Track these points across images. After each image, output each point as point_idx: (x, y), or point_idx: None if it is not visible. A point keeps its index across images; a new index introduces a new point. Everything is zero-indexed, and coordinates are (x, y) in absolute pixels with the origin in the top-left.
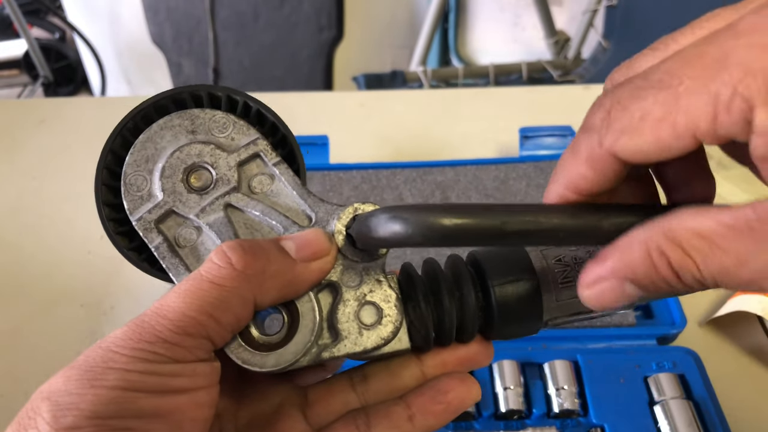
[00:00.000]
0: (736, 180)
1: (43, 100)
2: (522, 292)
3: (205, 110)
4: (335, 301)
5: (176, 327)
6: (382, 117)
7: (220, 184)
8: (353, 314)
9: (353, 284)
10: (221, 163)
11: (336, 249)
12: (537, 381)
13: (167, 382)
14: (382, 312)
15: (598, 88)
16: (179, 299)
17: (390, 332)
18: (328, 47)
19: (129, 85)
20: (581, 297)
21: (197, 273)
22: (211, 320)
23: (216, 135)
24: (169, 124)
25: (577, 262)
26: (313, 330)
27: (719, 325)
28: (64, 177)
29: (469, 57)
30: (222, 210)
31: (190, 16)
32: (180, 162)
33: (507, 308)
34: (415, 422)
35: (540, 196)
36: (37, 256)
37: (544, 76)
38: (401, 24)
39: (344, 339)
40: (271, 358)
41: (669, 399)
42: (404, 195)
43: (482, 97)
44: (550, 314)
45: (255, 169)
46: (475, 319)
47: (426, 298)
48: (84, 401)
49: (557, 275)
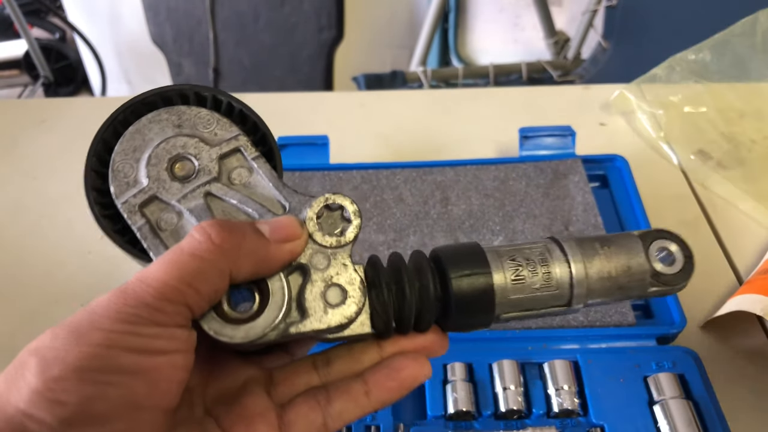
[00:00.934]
0: (735, 180)
1: (44, 101)
2: (477, 285)
3: (191, 107)
4: (304, 281)
5: (158, 293)
6: (382, 117)
7: (202, 174)
8: (320, 294)
9: (321, 267)
10: (204, 155)
11: (307, 234)
12: (537, 381)
13: (148, 342)
14: (347, 293)
15: (598, 88)
16: (161, 269)
17: (353, 312)
18: (328, 47)
19: (129, 85)
20: None
21: (178, 247)
22: (190, 289)
23: (200, 130)
24: (157, 118)
25: (528, 261)
26: (282, 307)
27: (719, 325)
28: (64, 177)
29: (468, 57)
30: (202, 197)
31: (190, 17)
32: (165, 152)
33: (462, 299)
34: (371, 397)
35: (540, 196)
36: (37, 256)
37: (544, 76)
38: (401, 24)
39: (311, 316)
40: (241, 330)
41: (668, 399)
42: (404, 195)
43: (482, 98)
44: (502, 309)
45: (235, 162)
46: (433, 308)
47: (389, 286)
48: (70, 356)
49: (509, 273)
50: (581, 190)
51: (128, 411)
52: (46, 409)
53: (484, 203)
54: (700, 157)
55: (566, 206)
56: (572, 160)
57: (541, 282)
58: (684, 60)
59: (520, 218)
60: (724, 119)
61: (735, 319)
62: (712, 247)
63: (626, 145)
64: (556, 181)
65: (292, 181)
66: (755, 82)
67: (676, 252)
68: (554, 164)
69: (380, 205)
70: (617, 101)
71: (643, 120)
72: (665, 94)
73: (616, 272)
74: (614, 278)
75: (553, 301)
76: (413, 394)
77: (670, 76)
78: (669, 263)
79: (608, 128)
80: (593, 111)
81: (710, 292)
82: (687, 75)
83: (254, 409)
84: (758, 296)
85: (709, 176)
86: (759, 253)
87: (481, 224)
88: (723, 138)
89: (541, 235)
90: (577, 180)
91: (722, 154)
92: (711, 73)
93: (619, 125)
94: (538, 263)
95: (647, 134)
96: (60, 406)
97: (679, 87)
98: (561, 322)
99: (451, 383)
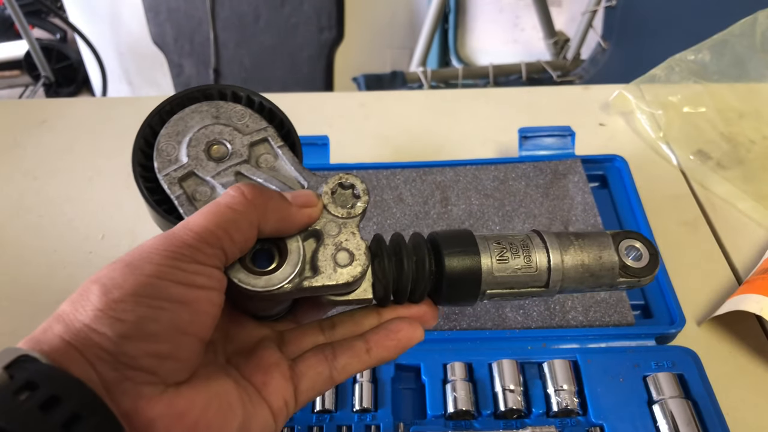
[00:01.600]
0: (735, 180)
1: (45, 101)
2: (466, 262)
3: (228, 102)
4: (317, 245)
5: (199, 237)
6: (382, 117)
7: (234, 156)
8: (331, 256)
9: (333, 233)
10: (237, 141)
11: (322, 204)
12: (536, 380)
13: (190, 277)
14: (354, 256)
15: (598, 88)
16: (202, 217)
17: (359, 272)
18: (328, 48)
19: (130, 85)
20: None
21: (216, 201)
22: (226, 235)
23: (235, 121)
24: (198, 109)
25: (512, 246)
26: (297, 263)
27: (718, 324)
28: (65, 177)
29: (468, 58)
30: (233, 175)
31: (191, 17)
32: (204, 137)
33: (453, 274)
34: (371, 354)
35: (539, 196)
36: (38, 256)
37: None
38: (401, 25)
39: (322, 274)
40: (261, 280)
41: (668, 398)
42: (404, 195)
43: (482, 98)
44: (487, 285)
45: (263, 150)
46: (427, 281)
47: (389, 258)
48: (127, 283)
49: (494, 254)
50: (581, 190)
51: (174, 334)
52: (108, 325)
53: (483, 203)
54: (699, 157)
55: (566, 206)
56: (572, 160)
57: (522, 263)
58: (683, 60)
59: (520, 218)
60: (724, 119)
61: (734, 319)
62: (711, 246)
63: (625, 145)
64: (556, 181)
65: None
66: (754, 82)
67: (642, 249)
68: (554, 164)
69: (380, 205)
70: (617, 101)
71: (642, 120)
72: (664, 95)
73: (588, 261)
74: (587, 266)
75: (533, 282)
76: (413, 394)
77: (669, 76)
78: (636, 258)
79: (608, 128)
80: (593, 111)
81: (709, 292)
82: (686, 75)
83: (269, 360)
84: (757, 296)
85: (708, 176)
86: (758, 252)
87: (481, 224)
88: (722, 138)
89: None
90: (577, 180)
91: (721, 154)
92: (710, 73)
93: (619, 125)
94: (520, 248)
95: (646, 134)
96: (119, 323)
97: (678, 87)
98: (560, 322)
99: (451, 383)
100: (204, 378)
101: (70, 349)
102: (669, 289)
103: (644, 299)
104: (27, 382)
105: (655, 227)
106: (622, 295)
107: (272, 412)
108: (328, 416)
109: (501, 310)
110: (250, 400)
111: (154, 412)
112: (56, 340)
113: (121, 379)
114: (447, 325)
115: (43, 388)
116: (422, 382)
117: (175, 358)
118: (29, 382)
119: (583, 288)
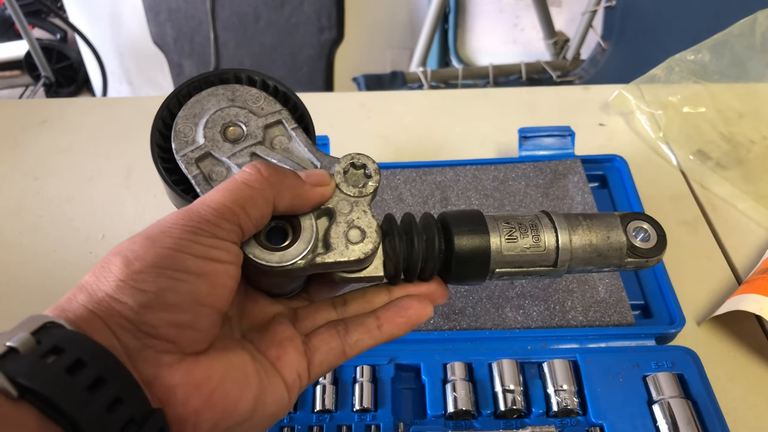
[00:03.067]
0: (735, 180)
1: (45, 101)
2: (476, 240)
3: (244, 86)
4: (330, 222)
5: (216, 212)
6: (382, 117)
7: (249, 138)
8: (343, 233)
9: (345, 212)
10: (252, 123)
11: (334, 183)
12: (536, 380)
13: (208, 251)
14: (365, 234)
15: (597, 88)
16: (219, 194)
17: (370, 249)
18: (328, 48)
19: (130, 85)
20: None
21: (233, 178)
22: (242, 211)
23: (250, 104)
24: (214, 92)
25: (521, 225)
26: (311, 240)
27: (718, 324)
28: (65, 177)
29: (468, 58)
30: (248, 156)
31: (191, 17)
32: (220, 119)
33: (462, 252)
34: (383, 330)
35: (539, 196)
36: (38, 256)
37: (543, 76)
38: (401, 25)
39: (334, 250)
40: (275, 255)
41: (668, 398)
42: (404, 195)
43: (482, 98)
44: (496, 264)
45: (277, 132)
46: (437, 259)
47: (400, 236)
48: (148, 255)
49: (503, 233)
50: (580, 190)
51: (193, 305)
52: (130, 295)
53: (483, 203)
54: (699, 157)
55: (565, 206)
56: (571, 160)
57: (530, 242)
58: (683, 60)
59: None
60: (723, 119)
61: (734, 319)
62: (711, 246)
63: (625, 145)
64: (556, 181)
65: None
66: (754, 82)
67: (650, 230)
68: (554, 164)
69: (380, 205)
70: (616, 101)
71: (642, 120)
72: (664, 95)
73: (597, 241)
74: (595, 246)
75: (541, 261)
76: (413, 394)
77: (669, 76)
78: (644, 239)
79: (607, 128)
80: (592, 111)
81: (709, 292)
82: (686, 75)
83: (283, 335)
84: (757, 296)
85: (708, 176)
86: (758, 252)
87: None
88: (722, 138)
89: None
90: (577, 180)
91: (721, 154)
92: (710, 73)
93: (619, 125)
94: (529, 227)
95: (646, 134)
96: (141, 293)
97: (678, 87)
98: (560, 322)
99: (451, 382)
100: (221, 350)
101: (93, 317)
102: (669, 289)
103: (644, 299)
104: (54, 346)
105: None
106: (622, 294)
107: (286, 385)
108: (328, 416)
109: (501, 309)
110: (266, 372)
111: (174, 379)
112: (80, 308)
113: (142, 347)
114: (447, 325)
115: (69, 353)
116: (422, 381)
117: (194, 327)
118: (56, 346)
119: (591, 268)
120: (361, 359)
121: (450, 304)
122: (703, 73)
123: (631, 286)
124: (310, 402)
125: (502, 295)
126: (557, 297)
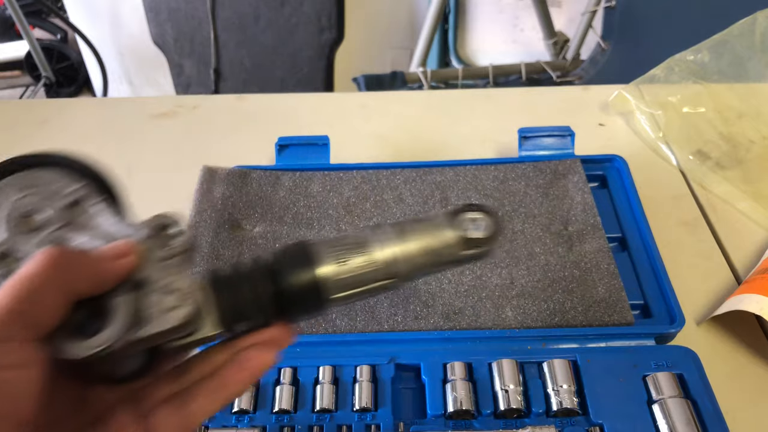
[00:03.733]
0: (734, 180)
1: (45, 101)
2: (301, 276)
3: (41, 169)
4: (144, 293)
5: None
6: (382, 118)
7: (52, 223)
8: (158, 301)
9: (159, 278)
10: (52, 207)
11: (140, 250)
12: (536, 380)
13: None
14: (182, 296)
15: (597, 88)
16: (1, 295)
17: (189, 312)
18: (328, 48)
19: (131, 85)
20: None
21: (17, 273)
22: (32, 307)
23: (46, 188)
24: (11, 183)
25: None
26: (124, 317)
27: (717, 324)
28: None
29: (468, 58)
30: (52, 243)
31: (191, 17)
32: (16, 210)
33: (292, 289)
34: (227, 390)
35: (539, 196)
36: None
37: (543, 77)
38: (401, 25)
39: (152, 321)
40: (85, 344)
41: (667, 398)
42: (404, 195)
43: (481, 98)
44: (330, 291)
45: (81, 210)
46: (269, 305)
47: (230, 288)
48: None
49: (330, 259)
50: (580, 191)
51: None
52: None
53: (483, 203)
54: (698, 158)
55: (565, 206)
56: (571, 160)
57: (362, 262)
58: (683, 60)
59: (520, 218)
60: (723, 120)
61: (734, 319)
62: (710, 246)
63: (625, 145)
64: (556, 182)
65: (293, 181)
66: (754, 82)
67: (481, 218)
68: (553, 164)
69: (380, 206)
70: (616, 102)
71: (641, 120)
72: (664, 95)
73: (429, 243)
74: (428, 248)
75: (379, 277)
76: (413, 394)
77: (668, 76)
78: (477, 228)
79: (607, 129)
80: (592, 111)
81: (709, 292)
82: (686, 75)
83: (120, 424)
84: (757, 296)
85: (707, 176)
86: (757, 252)
87: None
88: (722, 138)
89: (539, 235)
90: (576, 180)
91: (721, 155)
92: (710, 73)
93: (618, 126)
94: (356, 247)
95: (646, 135)
96: None
97: (677, 87)
98: (560, 322)
99: (451, 382)
100: None
101: None
102: (668, 289)
103: (644, 299)
104: None
105: (655, 227)
106: (621, 294)
107: None
108: (328, 416)
109: (501, 309)
110: None
111: None
112: None
113: None
114: (447, 324)
115: None
116: (422, 381)
117: None
118: None
119: (434, 270)
120: (361, 359)
121: (450, 304)
122: (702, 73)
123: (630, 285)
124: (310, 402)
125: (502, 295)
126: (557, 297)
